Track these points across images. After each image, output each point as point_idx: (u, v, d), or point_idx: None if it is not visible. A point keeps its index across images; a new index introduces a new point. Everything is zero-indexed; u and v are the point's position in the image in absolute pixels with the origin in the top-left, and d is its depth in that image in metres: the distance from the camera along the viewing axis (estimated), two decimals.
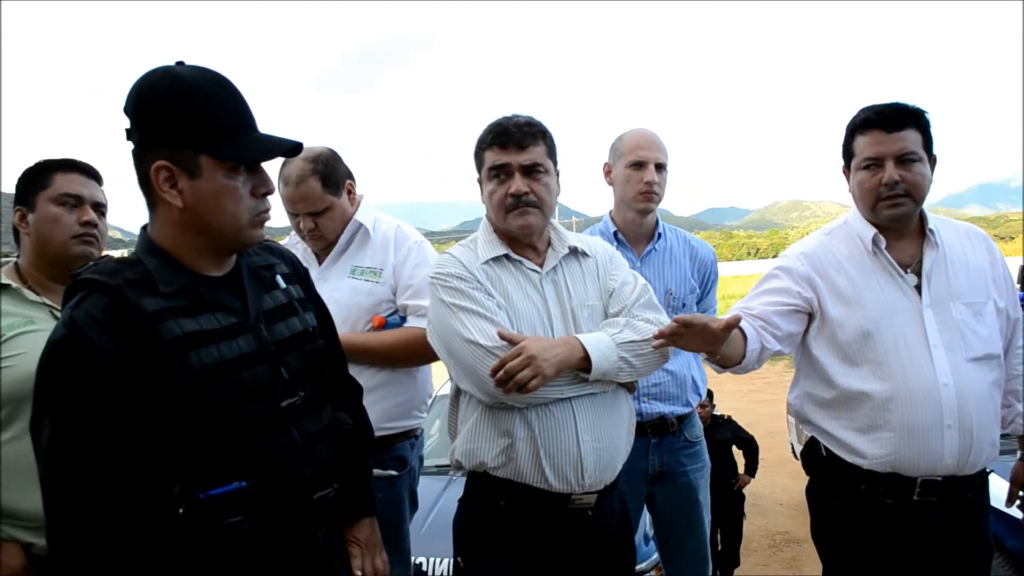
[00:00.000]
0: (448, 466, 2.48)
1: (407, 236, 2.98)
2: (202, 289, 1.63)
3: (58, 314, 2.30)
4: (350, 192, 2.94)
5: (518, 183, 2.25)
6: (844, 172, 2.56)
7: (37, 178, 2.40)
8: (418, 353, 2.78)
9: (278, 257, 1.90)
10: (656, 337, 2.12)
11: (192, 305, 1.60)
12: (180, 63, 1.62)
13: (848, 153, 2.51)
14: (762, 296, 2.59)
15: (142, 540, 1.52)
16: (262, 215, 1.68)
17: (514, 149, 2.26)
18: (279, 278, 1.85)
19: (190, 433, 1.55)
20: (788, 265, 2.59)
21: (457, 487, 3.14)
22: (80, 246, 2.39)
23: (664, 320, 2.32)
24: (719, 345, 2.23)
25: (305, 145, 1.89)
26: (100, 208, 2.46)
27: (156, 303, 1.55)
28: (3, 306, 2.30)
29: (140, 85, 1.60)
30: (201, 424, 1.55)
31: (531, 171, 2.27)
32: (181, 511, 1.53)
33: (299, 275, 1.95)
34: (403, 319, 2.86)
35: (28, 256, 2.42)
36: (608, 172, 3.23)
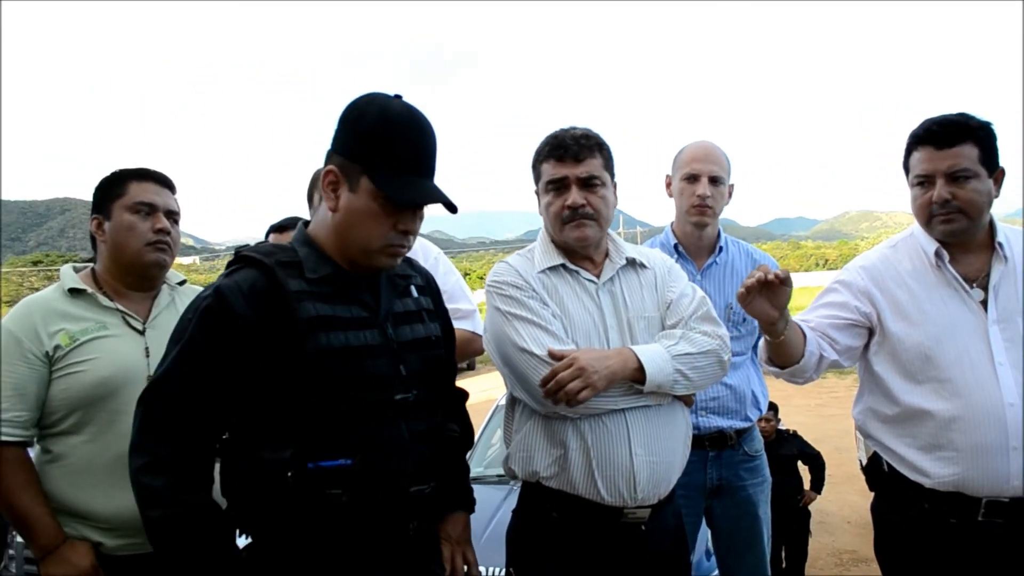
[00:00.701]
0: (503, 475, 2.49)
1: (429, 247, 3.12)
2: (342, 282, 1.81)
3: (131, 320, 2.42)
4: None
5: (575, 195, 2.26)
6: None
7: (113, 187, 2.46)
8: (461, 352, 2.91)
9: (416, 271, 2.07)
10: (740, 296, 2.25)
11: (331, 294, 1.78)
12: (398, 96, 1.81)
13: (906, 168, 2.45)
14: (820, 309, 2.57)
15: (209, 486, 1.71)
16: (395, 248, 1.82)
17: (571, 162, 2.27)
18: (413, 288, 2.01)
19: (309, 407, 1.71)
20: (848, 279, 2.55)
21: (514, 498, 3.14)
22: (154, 253, 2.45)
23: (723, 333, 2.30)
24: (783, 304, 2.28)
25: None
26: (173, 216, 2.52)
27: (299, 285, 1.74)
28: (77, 311, 2.39)
29: (356, 100, 1.81)
30: (320, 400, 1.71)
31: (588, 183, 2.28)
32: (290, 475, 1.68)
33: (432, 291, 2.10)
34: None
35: (104, 263, 2.49)
36: (668, 184, 3.22)
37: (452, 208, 1.81)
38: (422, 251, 3.07)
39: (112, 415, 2.29)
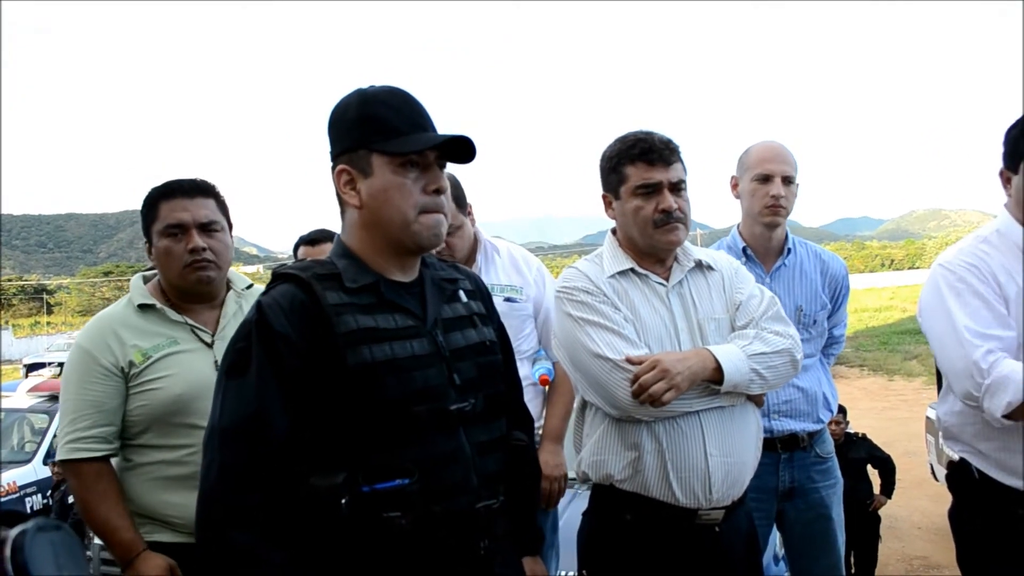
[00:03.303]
0: (573, 479, 2.51)
1: (528, 256, 3.13)
2: (384, 290, 1.71)
3: (200, 334, 2.45)
4: (469, 214, 3.04)
5: (669, 200, 2.24)
6: (1003, 176, 2.36)
7: (148, 211, 2.43)
8: None
9: (463, 275, 1.96)
10: None
11: (373, 304, 1.68)
12: (371, 86, 1.76)
13: (1017, 155, 2.29)
14: (995, 327, 2.25)
15: (280, 506, 1.57)
16: (434, 212, 1.73)
17: (662, 166, 2.25)
18: (461, 292, 1.90)
19: (358, 425, 1.61)
20: (966, 275, 2.31)
21: (581, 500, 3.14)
22: (193, 273, 2.39)
23: (793, 332, 2.29)
24: None
25: None
26: (209, 227, 2.42)
27: (339, 297, 1.65)
28: (148, 325, 2.40)
29: (333, 108, 1.77)
30: (369, 417, 1.61)
31: (677, 188, 2.27)
32: (344, 501, 1.57)
33: (482, 294, 1.98)
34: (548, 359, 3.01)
35: (163, 282, 2.50)
36: (735, 186, 3.15)
37: (470, 149, 1.74)
38: (524, 258, 3.09)
39: (188, 428, 2.32)
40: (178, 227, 2.38)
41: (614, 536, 2.28)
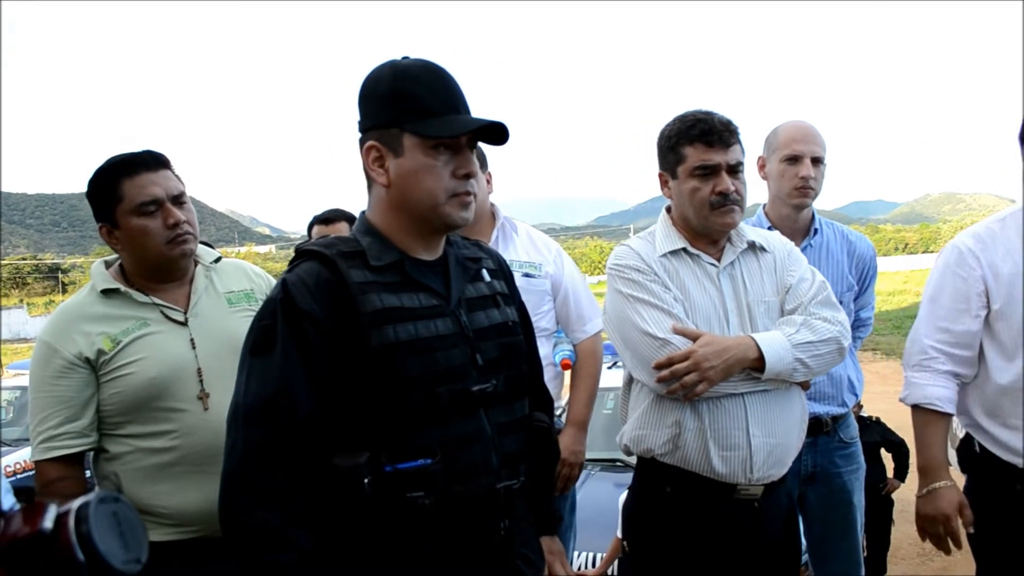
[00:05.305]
0: (592, 460, 2.52)
1: (547, 238, 3.13)
2: (409, 269, 1.70)
3: (170, 313, 2.31)
4: (488, 181, 3.02)
5: (727, 182, 2.25)
6: None
7: (106, 192, 2.26)
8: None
9: (486, 254, 1.94)
10: None
11: (398, 283, 1.67)
12: (405, 57, 1.73)
13: None
14: (963, 318, 2.46)
15: (308, 491, 1.58)
16: (463, 195, 1.71)
17: (721, 148, 2.26)
18: (484, 272, 1.87)
19: (381, 405, 1.61)
20: (960, 260, 2.44)
21: (595, 481, 3.15)
22: (177, 248, 2.28)
23: (842, 318, 2.29)
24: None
25: None
26: (179, 199, 2.30)
27: (363, 275, 1.63)
28: (114, 311, 2.28)
29: (365, 77, 1.73)
30: (392, 397, 1.60)
31: (734, 170, 2.27)
32: (366, 481, 1.56)
33: (504, 274, 1.96)
34: (570, 347, 3.04)
35: (129, 264, 2.35)
36: (762, 166, 3.12)
37: (502, 132, 1.71)
38: (543, 238, 3.10)
39: (166, 412, 2.22)
40: (153, 203, 2.24)
41: (654, 508, 2.32)
